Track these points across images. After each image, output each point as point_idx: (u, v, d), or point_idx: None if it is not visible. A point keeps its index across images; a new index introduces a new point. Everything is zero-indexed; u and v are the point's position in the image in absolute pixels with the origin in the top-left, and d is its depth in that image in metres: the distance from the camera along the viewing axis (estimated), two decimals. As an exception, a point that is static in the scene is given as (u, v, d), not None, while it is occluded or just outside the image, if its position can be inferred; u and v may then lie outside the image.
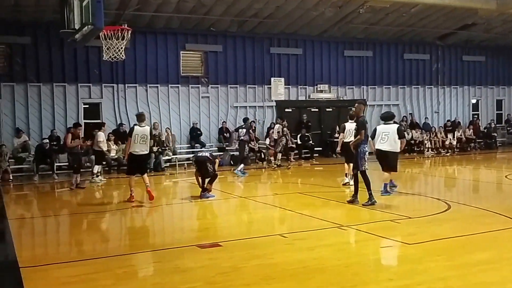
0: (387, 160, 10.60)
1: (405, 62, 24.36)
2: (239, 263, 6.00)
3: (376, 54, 23.63)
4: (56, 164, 16.22)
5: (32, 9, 16.65)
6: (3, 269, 6.27)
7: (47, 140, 16.45)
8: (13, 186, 15.00)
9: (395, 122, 11.31)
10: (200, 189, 11.16)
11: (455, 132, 22.98)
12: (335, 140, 21.17)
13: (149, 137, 10.89)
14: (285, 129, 17.75)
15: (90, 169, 16.36)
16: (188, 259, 6.29)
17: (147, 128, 10.97)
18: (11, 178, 15.67)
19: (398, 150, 10.61)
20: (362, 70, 23.34)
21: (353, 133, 10.37)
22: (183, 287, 5.21)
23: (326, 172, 17.28)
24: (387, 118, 11.10)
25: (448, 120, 24.20)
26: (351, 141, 10.34)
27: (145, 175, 10.94)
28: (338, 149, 12.72)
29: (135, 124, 10.99)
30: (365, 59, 23.40)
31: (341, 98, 22.84)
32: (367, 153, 9.60)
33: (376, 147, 10.70)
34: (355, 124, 10.29)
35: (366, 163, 9.55)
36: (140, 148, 10.76)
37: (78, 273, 5.71)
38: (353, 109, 10.82)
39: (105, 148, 15.14)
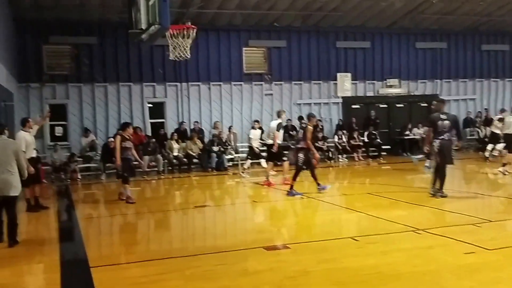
0: None
1: (483, 53, 22.87)
2: (308, 267, 5.72)
3: (451, 46, 22.33)
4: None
5: (98, 9, 16.93)
6: (74, 269, 6.29)
7: (113, 139, 16.59)
8: (82, 185, 15.26)
9: None
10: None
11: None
12: (405, 138, 20.26)
13: (275, 130, 12.83)
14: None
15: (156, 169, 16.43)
16: (255, 261, 6.12)
17: (275, 122, 13.09)
18: (79, 177, 15.96)
19: None
20: (436, 63, 22.13)
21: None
22: (251, 290, 5.02)
23: (395, 172, 16.44)
24: None
25: (534, 116, 22.29)
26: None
27: (284, 164, 13.32)
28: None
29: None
30: (439, 51, 22.17)
31: (413, 93, 21.77)
32: (433, 147, 9.84)
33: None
34: None
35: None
36: (268, 139, 13.53)
37: (147, 274, 5.69)
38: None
39: (254, 145, 15.18)
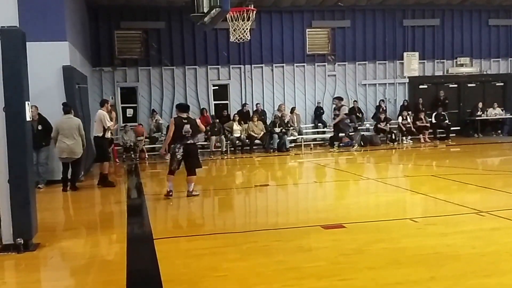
0: None
1: (560, 29, 21.34)
2: (364, 245, 5.75)
3: (526, 23, 21.01)
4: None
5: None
6: (139, 240, 6.67)
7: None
8: (149, 164, 15.89)
9: None
10: None
11: None
12: (477, 118, 19.48)
13: None
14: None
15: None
16: (311, 239, 6.21)
17: None
18: (147, 157, 16.62)
19: None
20: (510, 41, 20.92)
21: None
22: (306, 266, 5.12)
23: (463, 154, 15.86)
24: None
25: None
26: None
27: None
28: None
29: None
30: (513, 28, 20.96)
31: (485, 72, 20.77)
32: None
33: None
34: None
35: None
36: None
37: (206, 246, 5.94)
38: None
39: None
